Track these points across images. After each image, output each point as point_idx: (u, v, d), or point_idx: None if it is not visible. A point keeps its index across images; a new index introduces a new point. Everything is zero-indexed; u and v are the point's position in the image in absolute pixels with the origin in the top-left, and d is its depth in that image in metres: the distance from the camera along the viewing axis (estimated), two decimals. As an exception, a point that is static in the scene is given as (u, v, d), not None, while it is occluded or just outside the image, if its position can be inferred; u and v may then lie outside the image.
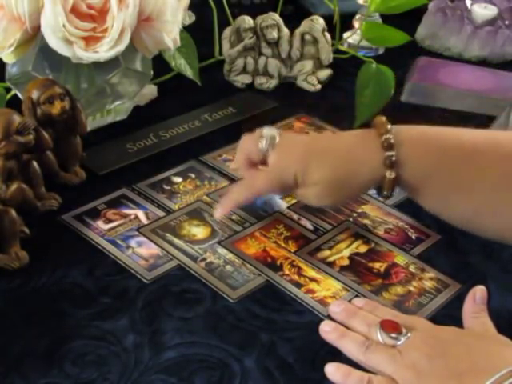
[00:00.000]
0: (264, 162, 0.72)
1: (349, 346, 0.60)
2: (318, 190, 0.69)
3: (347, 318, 0.63)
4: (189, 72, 0.99)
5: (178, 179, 0.83)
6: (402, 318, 0.61)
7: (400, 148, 0.66)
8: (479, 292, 0.63)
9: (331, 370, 0.58)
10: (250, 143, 0.73)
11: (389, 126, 0.68)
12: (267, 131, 0.72)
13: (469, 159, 0.66)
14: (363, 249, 0.73)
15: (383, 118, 0.69)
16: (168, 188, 0.81)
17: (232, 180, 0.83)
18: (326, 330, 0.62)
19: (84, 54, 0.77)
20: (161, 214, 0.77)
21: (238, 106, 0.99)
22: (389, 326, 0.59)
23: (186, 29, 0.97)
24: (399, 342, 0.58)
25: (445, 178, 0.67)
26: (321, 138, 0.73)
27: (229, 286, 0.68)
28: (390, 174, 0.67)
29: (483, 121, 0.96)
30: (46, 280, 0.68)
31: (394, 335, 0.58)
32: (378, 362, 0.57)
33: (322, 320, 0.63)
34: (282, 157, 0.70)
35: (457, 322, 0.64)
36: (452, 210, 0.68)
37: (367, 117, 0.95)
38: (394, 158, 0.66)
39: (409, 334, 0.58)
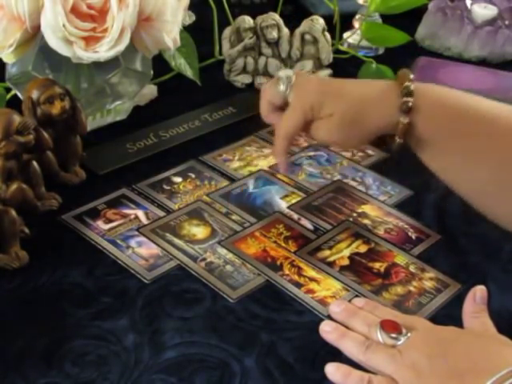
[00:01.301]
0: (286, 104, 0.72)
1: (349, 346, 0.60)
2: (330, 122, 0.69)
3: (347, 318, 0.63)
4: (189, 72, 1.00)
5: (178, 179, 0.83)
6: (402, 317, 0.61)
7: (418, 97, 0.66)
8: (479, 292, 0.63)
9: (331, 369, 0.58)
10: (270, 89, 0.73)
11: (411, 76, 0.68)
12: (283, 73, 0.72)
13: (483, 127, 0.66)
14: (363, 249, 0.73)
15: (406, 70, 0.69)
16: (168, 188, 0.81)
17: (232, 180, 0.83)
18: (327, 330, 0.62)
19: (84, 54, 0.77)
20: (161, 213, 0.77)
21: (238, 106, 0.99)
22: (389, 326, 0.59)
23: (186, 29, 0.97)
24: (399, 342, 0.58)
25: (454, 137, 0.67)
26: (341, 79, 0.74)
27: (229, 286, 0.68)
28: (404, 119, 0.66)
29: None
30: (46, 280, 0.68)
31: (394, 335, 0.58)
32: (378, 361, 0.57)
33: (322, 320, 0.63)
34: (300, 93, 0.71)
35: (457, 321, 0.64)
36: (457, 176, 0.68)
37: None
38: (410, 104, 0.66)
39: (409, 334, 0.58)
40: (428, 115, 0.67)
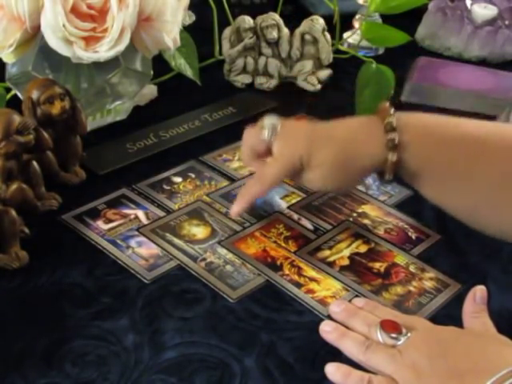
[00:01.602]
0: (269, 152, 0.72)
1: (349, 345, 0.60)
2: (322, 171, 0.69)
3: (347, 318, 0.63)
4: (189, 72, 1.00)
5: (178, 179, 0.83)
6: (402, 317, 0.61)
7: (402, 131, 0.66)
8: (479, 292, 0.63)
9: (331, 369, 0.58)
10: (253, 135, 0.73)
11: (392, 111, 0.68)
12: (268, 120, 0.72)
13: (472, 149, 0.66)
14: (363, 249, 0.73)
15: (387, 104, 0.69)
16: (168, 188, 0.81)
17: (232, 180, 0.83)
18: (327, 330, 0.62)
19: (84, 54, 0.77)
20: (161, 213, 0.77)
21: (238, 106, 0.99)
22: (389, 326, 0.59)
23: (186, 29, 0.97)
24: (399, 342, 0.58)
25: (444, 165, 0.67)
26: (324, 123, 0.73)
27: (229, 286, 0.68)
28: (391, 157, 0.67)
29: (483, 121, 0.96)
30: (46, 280, 0.68)
31: (394, 335, 0.58)
32: (378, 361, 0.57)
33: (322, 320, 0.63)
34: (286, 143, 0.71)
35: (457, 322, 0.64)
36: (451, 201, 0.68)
37: (367, 117, 0.95)
38: (396, 141, 0.66)
39: (409, 334, 0.58)
40: (415, 149, 0.67)
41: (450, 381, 0.54)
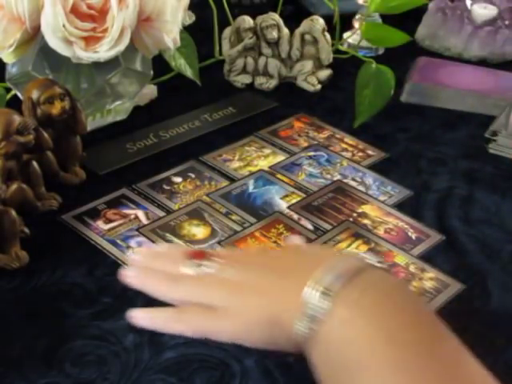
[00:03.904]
0: None
1: (155, 285, 0.56)
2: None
3: (151, 260, 0.59)
4: (189, 72, 0.99)
5: (178, 179, 0.83)
6: (216, 251, 0.60)
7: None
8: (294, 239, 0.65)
9: (138, 315, 0.55)
10: None
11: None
12: None
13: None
14: (363, 249, 0.73)
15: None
16: (168, 188, 0.81)
17: (232, 180, 0.83)
18: (130, 274, 0.57)
19: (84, 54, 0.77)
20: (161, 213, 0.77)
21: (238, 106, 0.99)
22: (195, 254, 0.56)
23: (186, 29, 0.97)
24: (207, 268, 0.55)
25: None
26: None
27: (229, 286, 0.68)
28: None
29: (483, 121, 0.97)
30: (46, 280, 0.68)
31: (202, 262, 0.55)
32: (190, 292, 0.54)
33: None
34: None
35: (457, 321, 0.64)
36: None
37: (367, 117, 0.95)
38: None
39: (219, 260, 0.55)
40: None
41: (277, 278, 0.52)
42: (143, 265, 0.59)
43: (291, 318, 0.49)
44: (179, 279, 0.56)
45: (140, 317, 0.56)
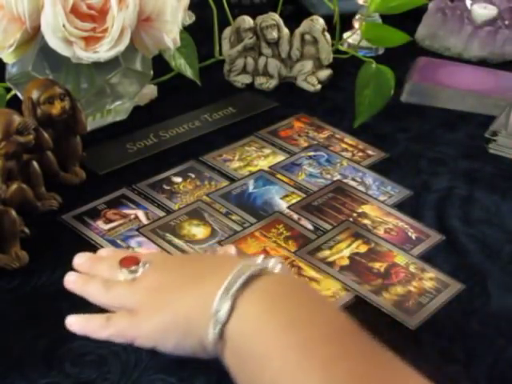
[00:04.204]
0: None
1: (91, 290, 0.60)
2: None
3: (91, 266, 0.63)
4: (189, 72, 1.00)
5: (178, 179, 0.83)
6: (145, 254, 0.63)
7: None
8: (228, 249, 0.66)
9: (71, 320, 0.59)
10: None
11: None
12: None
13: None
14: (363, 249, 0.73)
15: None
16: (168, 188, 0.81)
17: (232, 180, 0.83)
18: (70, 279, 0.62)
19: (84, 54, 0.77)
20: (161, 213, 0.77)
21: (238, 106, 0.99)
22: (127, 261, 0.60)
23: (186, 29, 0.97)
24: (138, 274, 0.58)
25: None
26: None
27: (229, 286, 0.68)
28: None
29: (483, 121, 0.97)
30: (46, 280, 0.68)
31: (133, 268, 0.59)
32: (118, 298, 0.58)
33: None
34: None
35: (457, 322, 0.64)
36: None
37: (367, 117, 0.95)
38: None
39: (147, 265, 0.59)
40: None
41: (190, 283, 0.55)
42: (85, 269, 0.63)
43: (200, 322, 0.53)
44: (111, 285, 0.59)
45: (73, 322, 0.59)
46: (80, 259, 0.65)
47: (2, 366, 0.59)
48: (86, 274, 0.63)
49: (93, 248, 0.72)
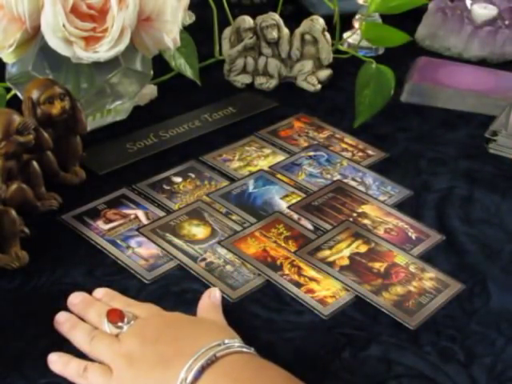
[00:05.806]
0: None
1: (77, 336, 0.60)
2: None
3: (83, 309, 0.63)
4: (189, 72, 1.00)
5: (177, 179, 0.83)
6: (135, 305, 0.63)
7: None
8: (213, 292, 0.65)
9: (53, 358, 0.59)
10: None
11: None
12: None
13: None
14: (363, 249, 0.73)
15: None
16: (168, 188, 0.81)
17: (232, 180, 0.83)
18: (59, 321, 0.62)
19: (84, 54, 0.77)
20: (161, 213, 0.77)
21: (238, 106, 0.99)
22: (113, 316, 0.60)
23: (186, 29, 0.97)
24: (123, 331, 0.59)
25: None
26: None
27: (229, 286, 0.68)
28: None
29: (483, 121, 0.97)
30: (46, 280, 0.68)
31: (119, 324, 0.59)
32: (99, 351, 0.58)
33: (322, 320, 0.63)
34: None
35: (457, 322, 0.64)
36: None
37: (367, 117, 0.95)
38: None
39: (132, 322, 0.59)
40: None
41: (157, 366, 0.55)
42: (76, 312, 0.63)
43: None
44: (94, 337, 0.60)
45: (53, 362, 0.59)
46: (75, 299, 0.65)
47: (2, 365, 0.59)
48: (76, 316, 0.63)
49: (93, 248, 0.72)
